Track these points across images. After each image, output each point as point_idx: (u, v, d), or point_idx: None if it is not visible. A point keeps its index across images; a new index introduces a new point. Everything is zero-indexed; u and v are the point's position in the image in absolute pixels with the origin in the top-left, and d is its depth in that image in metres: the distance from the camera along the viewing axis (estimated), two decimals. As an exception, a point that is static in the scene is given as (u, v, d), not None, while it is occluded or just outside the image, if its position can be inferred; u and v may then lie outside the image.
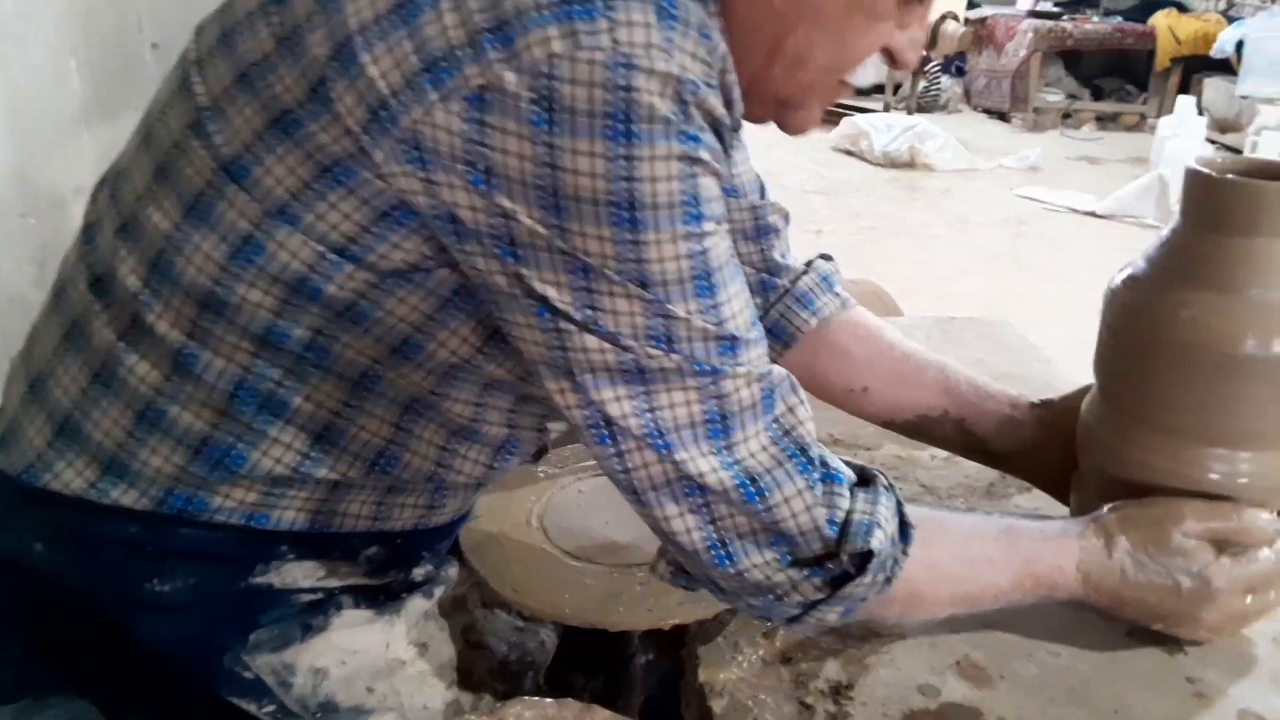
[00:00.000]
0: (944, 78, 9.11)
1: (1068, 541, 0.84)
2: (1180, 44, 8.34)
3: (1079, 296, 4.77)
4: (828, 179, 6.76)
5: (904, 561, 0.76)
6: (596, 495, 1.01)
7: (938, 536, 0.81)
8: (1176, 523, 0.83)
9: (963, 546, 0.83)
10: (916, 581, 0.79)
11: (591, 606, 0.86)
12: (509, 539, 0.94)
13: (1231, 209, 0.83)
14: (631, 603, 0.86)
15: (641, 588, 0.88)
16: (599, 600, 0.87)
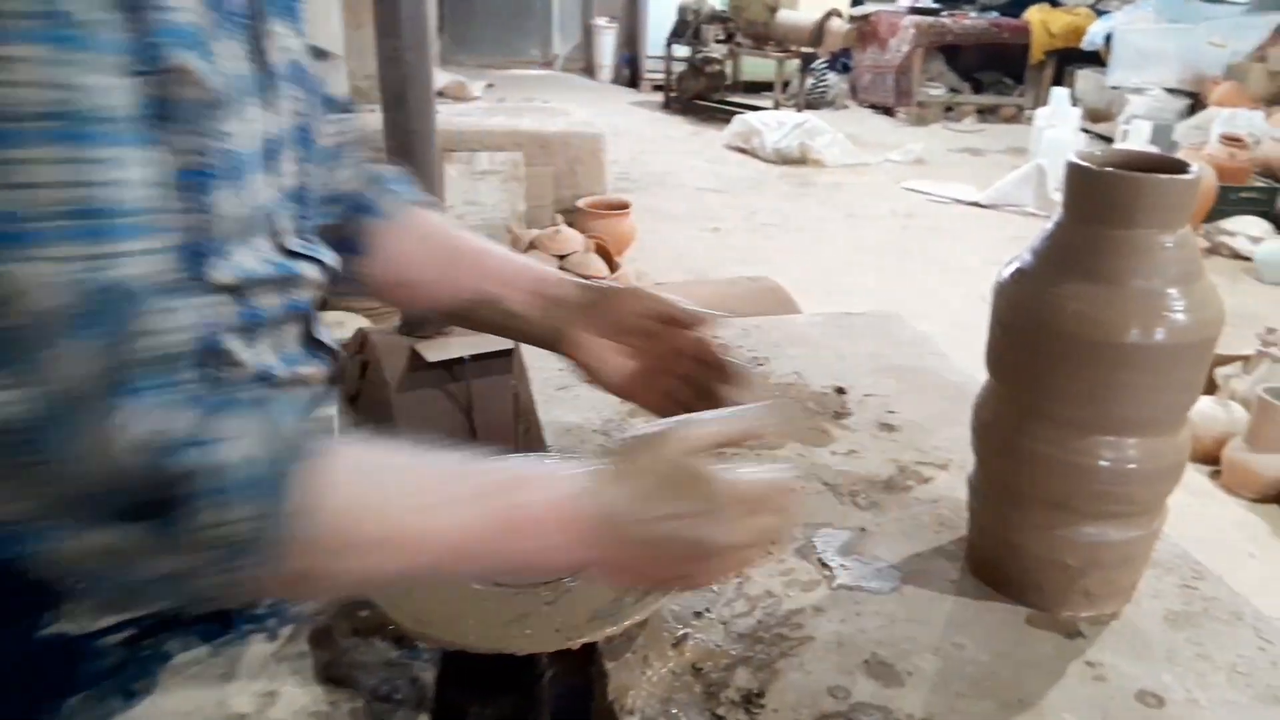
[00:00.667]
0: (831, 74, 9.29)
1: (565, 476, 0.72)
2: (1053, 37, 8.69)
3: (966, 284, 4.92)
4: (723, 177, 6.82)
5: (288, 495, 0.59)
6: None
7: (360, 464, 0.66)
8: (682, 444, 0.75)
9: (402, 475, 0.68)
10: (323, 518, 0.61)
11: (496, 631, 0.83)
12: None
13: (1111, 201, 0.85)
14: (538, 624, 0.84)
15: (548, 607, 0.85)
16: (504, 624, 0.84)
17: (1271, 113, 6.37)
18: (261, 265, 0.79)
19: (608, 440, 1.23)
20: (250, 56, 0.76)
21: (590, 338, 1.00)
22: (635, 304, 0.99)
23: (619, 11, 10.41)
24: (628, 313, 0.99)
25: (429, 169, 2.33)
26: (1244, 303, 4.78)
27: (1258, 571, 2.83)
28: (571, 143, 4.41)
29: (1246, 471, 3.15)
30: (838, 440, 1.27)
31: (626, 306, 0.99)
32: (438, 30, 10.19)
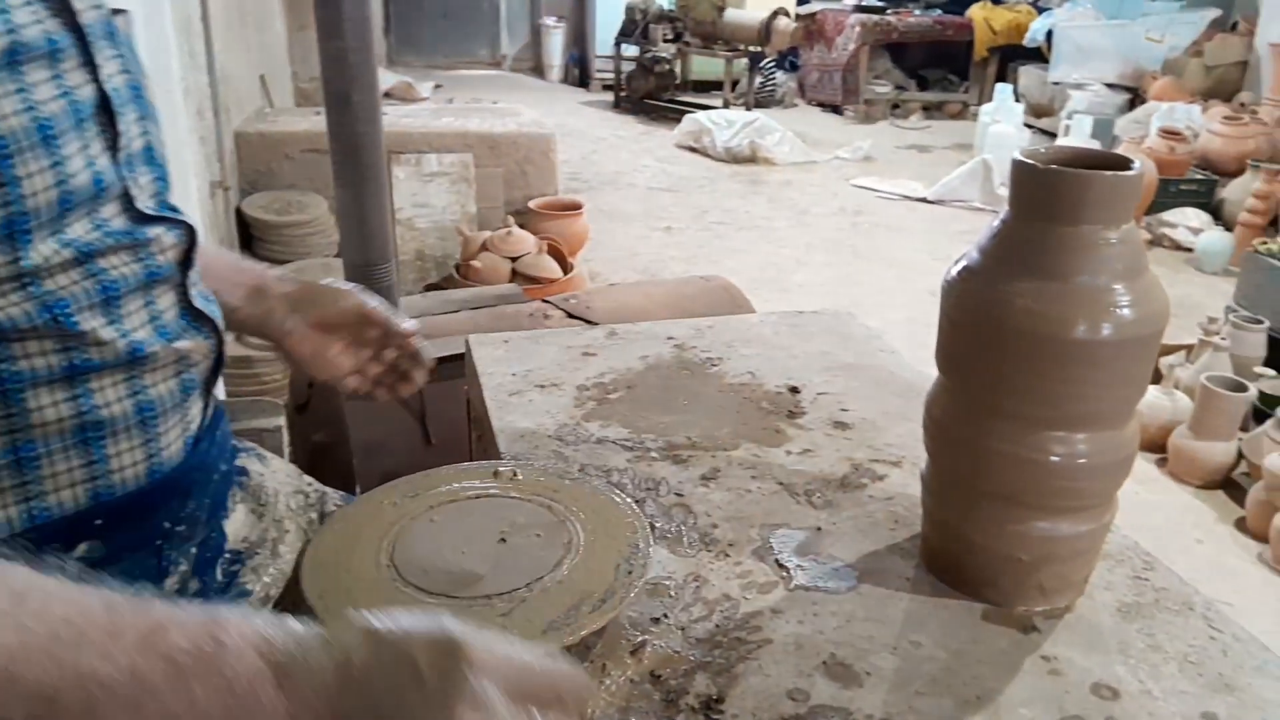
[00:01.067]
0: (779, 73, 9.34)
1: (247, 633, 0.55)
2: (996, 34, 8.82)
3: (915, 279, 4.98)
4: (674, 176, 6.83)
5: None
6: (449, 523, 0.96)
7: None
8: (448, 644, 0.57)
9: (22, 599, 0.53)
10: None
11: None
12: (357, 583, 0.87)
13: (1057, 198, 0.86)
14: None
15: (504, 619, 0.84)
16: None
17: (1208, 106, 6.52)
18: (101, 234, 0.76)
19: (562, 447, 1.22)
20: (55, 14, 0.73)
21: (300, 328, 1.08)
22: (341, 302, 1.10)
23: (567, 11, 10.38)
24: (333, 309, 1.09)
25: (376, 171, 2.29)
26: (1186, 292, 4.88)
27: (1205, 557, 2.89)
28: (521, 143, 4.38)
29: (1192, 459, 3.22)
30: (793, 439, 1.27)
31: (333, 304, 1.09)
32: (384, 31, 10.09)
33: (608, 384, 1.39)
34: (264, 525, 0.98)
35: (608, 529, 0.97)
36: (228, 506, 0.95)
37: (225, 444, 0.95)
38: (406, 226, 4.13)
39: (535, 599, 0.87)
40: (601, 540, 0.95)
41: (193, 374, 0.86)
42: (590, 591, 0.88)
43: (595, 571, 0.91)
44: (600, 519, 0.98)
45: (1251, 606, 2.65)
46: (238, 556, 0.94)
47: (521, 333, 1.58)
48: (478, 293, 2.72)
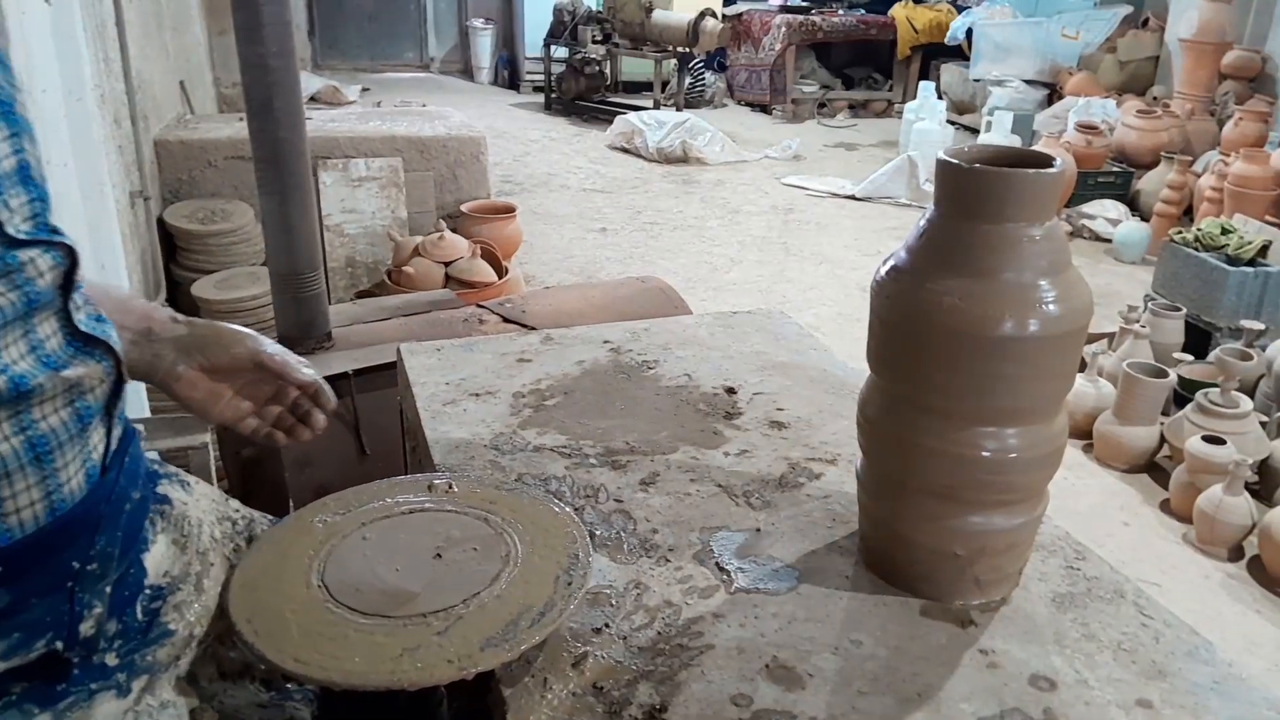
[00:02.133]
0: (708, 73, 9.39)
1: None
2: (918, 33, 8.98)
3: (845, 275, 5.04)
4: (607, 177, 6.81)
5: None
6: (382, 540, 0.94)
7: None
8: None
9: None
10: None
11: (386, 666, 0.79)
12: (287, 603, 0.85)
13: (981, 197, 0.87)
14: (430, 655, 0.80)
15: (439, 637, 0.82)
16: (394, 658, 0.80)
17: (1123, 101, 6.72)
18: None
19: (498, 456, 1.20)
20: None
21: (190, 373, 1.02)
22: (234, 348, 1.04)
23: (495, 13, 10.30)
24: (225, 356, 1.04)
25: (301, 178, 2.24)
26: (1106, 282, 5.02)
27: (1132, 539, 2.97)
28: (451, 146, 4.32)
29: (1116, 444, 3.30)
30: (730, 441, 1.27)
31: (225, 351, 1.03)
32: (308, 34, 9.91)
33: (544, 390, 1.38)
34: (187, 558, 0.93)
35: (546, 539, 0.96)
36: (146, 539, 0.89)
37: (138, 470, 0.90)
38: (335, 233, 4.06)
39: (472, 615, 0.85)
40: (540, 551, 0.94)
41: (89, 401, 0.81)
42: (529, 605, 0.86)
43: (534, 584, 0.89)
44: (539, 529, 0.97)
45: (1178, 586, 2.73)
46: (159, 593, 0.89)
47: (454, 341, 1.55)
48: (410, 299, 2.68)
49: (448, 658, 0.80)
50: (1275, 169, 4.76)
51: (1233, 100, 6.25)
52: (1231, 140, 5.61)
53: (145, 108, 3.79)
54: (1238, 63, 6.41)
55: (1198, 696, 0.85)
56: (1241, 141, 5.43)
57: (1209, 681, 0.87)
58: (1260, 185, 4.75)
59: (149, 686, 0.84)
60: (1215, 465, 2.90)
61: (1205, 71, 6.53)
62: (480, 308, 2.37)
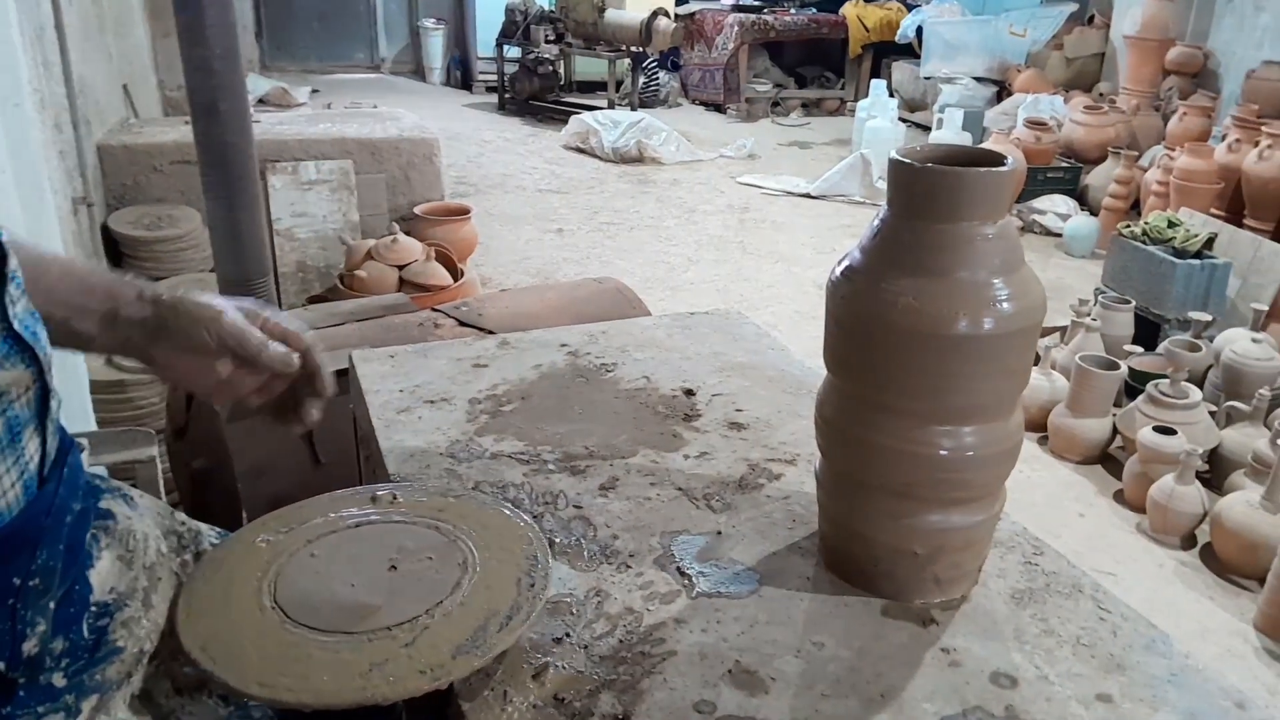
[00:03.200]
0: (661, 73, 9.39)
1: None
2: (869, 31, 9.06)
3: (801, 273, 5.07)
4: (563, 177, 6.79)
5: None
6: (332, 556, 0.91)
7: None
8: None
9: None
10: None
11: (355, 683, 0.77)
12: (241, 629, 0.82)
13: (934, 196, 0.87)
14: (400, 668, 0.78)
15: (408, 649, 0.80)
16: (363, 674, 0.78)
17: (1070, 97, 6.82)
18: None
19: (454, 464, 1.18)
20: None
21: (164, 353, 0.97)
22: (194, 332, 0.97)
23: (446, 13, 10.23)
24: (188, 340, 0.97)
25: (248, 182, 2.21)
26: (1057, 276, 5.09)
27: (1087, 529, 3.02)
28: (403, 148, 4.28)
29: (1070, 436, 3.35)
30: (689, 443, 1.27)
31: (187, 335, 0.97)
32: (255, 36, 9.76)
33: (501, 396, 1.36)
34: (133, 574, 0.90)
35: (502, 543, 0.94)
36: (90, 554, 0.87)
37: (78, 481, 0.87)
38: (286, 237, 4.00)
39: (438, 624, 0.84)
40: (497, 555, 0.92)
41: (17, 410, 0.78)
42: (495, 610, 0.85)
43: (496, 589, 0.88)
44: (491, 534, 0.96)
45: (1132, 575, 2.78)
46: (106, 609, 0.87)
47: (408, 347, 1.53)
48: (364, 304, 2.64)
49: (419, 669, 0.78)
50: (1219, 163, 4.87)
51: (1176, 96, 6.38)
52: (1176, 135, 5.72)
53: (87, 112, 3.71)
54: (1181, 59, 6.53)
55: (1155, 689, 0.86)
56: (1185, 136, 5.54)
57: (1166, 673, 0.88)
58: (1204, 179, 4.84)
59: (101, 706, 0.82)
60: (1166, 455, 2.96)
61: (1149, 68, 6.66)
62: (435, 311, 2.34)
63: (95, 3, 4.16)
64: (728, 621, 0.93)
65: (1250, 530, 2.67)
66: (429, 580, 0.89)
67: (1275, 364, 3.37)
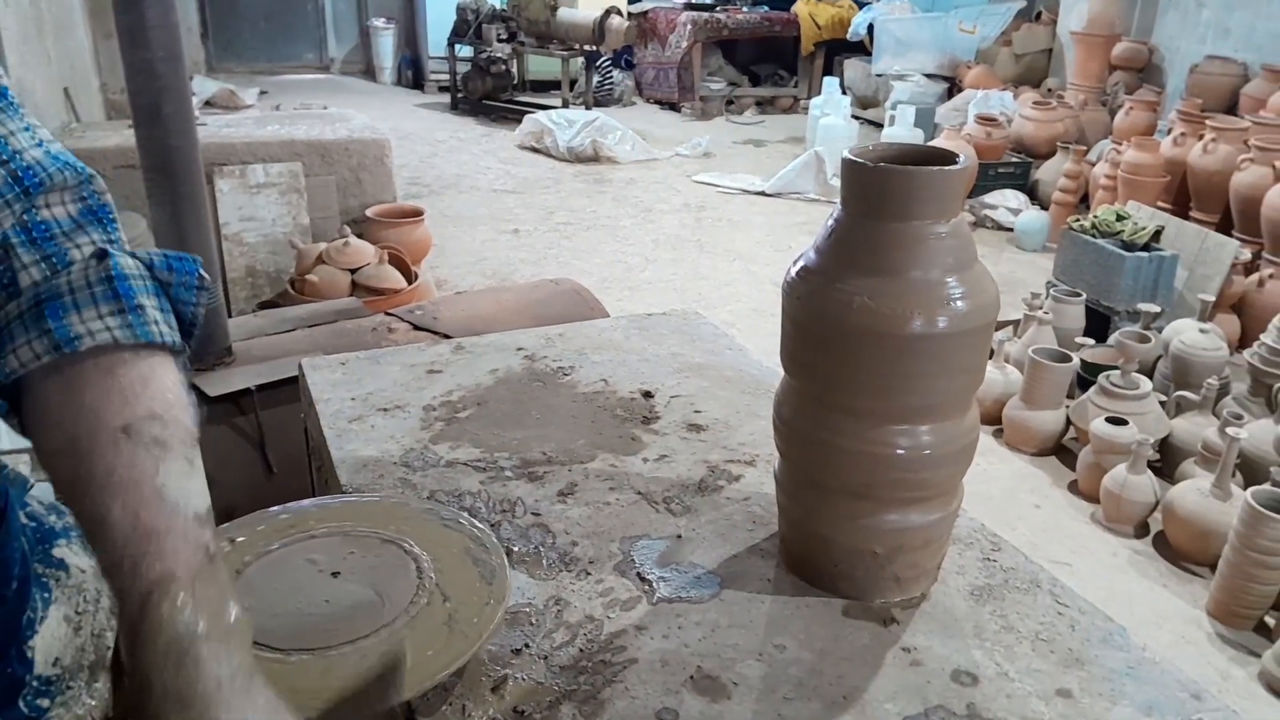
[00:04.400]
0: (616, 71, 9.38)
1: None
2: (820, 29, 9.11)
3: (758, 271, 5.08)
4: (518, 177, 6.75)
5: None
6: (270, 574, 0.88)
7: None
8: None
9: None
10: None
11: (308, 704, 0.75)
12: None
13: (886, 195, 0.86)
14: (351, 687, 0.76)
15: (362, 660, 0.78)
16: (313, 693, 0.75)
17: (1019, 93, 6.91)
18: None
19: (409, 473, 1.16)
20: None
21: None
22: None
23: (396, 12, 10.12)
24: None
25: (194, 187, 2.15)
26: (1010, 270, 5.16)
27: (1043, 520, 3.05)
28: (354, 149, 4.22)
29: (1025, 428, 3.39)
30: (649, 446, 1.26)
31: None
32: (201, 37, 9.59)
33: (456, 402, 1.34)
34: (80, 641, 0.83)
35: (445, 545, 0.92)
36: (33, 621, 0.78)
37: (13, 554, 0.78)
38: (234, 242, 3.92)
39: (400, 634, 0.82)
40: (452, 567, 0.91)
41: None
42: (451, 624, 0.83)
43: (451, 603, 0.86)
44: (432, 541, 0.94)
45: (1087, 565, 2.82)
46: (46, 688, 0.79)
47: (360, 353, 1.50)
48: (315, 309, 2.60)
49: (373, 687, 0.76)
50: (1165, 157, 4.95)
51: (1123, 90, 6.49)
52: (1123, 129, 5.82)
53: (27, 116, 3.61)
54: (1126, 54, 6.65)
55: (1114, 683, 0.86)
56: (1132, 130, 5.63)
57: (1124, 667, 0.88)
58: (1151, 172, 4.93)
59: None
60: (1119, 445, 3.00)
61: (1096, 63, 6.76)
62: (389, 315, 2.31)
63: (34, 4, 4.06)
64: (689, 627, 0.93)
65: (1201, 518, 2.71)
66: (378, 592, 0.87)
67: (1222, 354, 3.44)
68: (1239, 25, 6.07)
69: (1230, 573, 2.52)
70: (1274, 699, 2.31)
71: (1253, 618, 2.54)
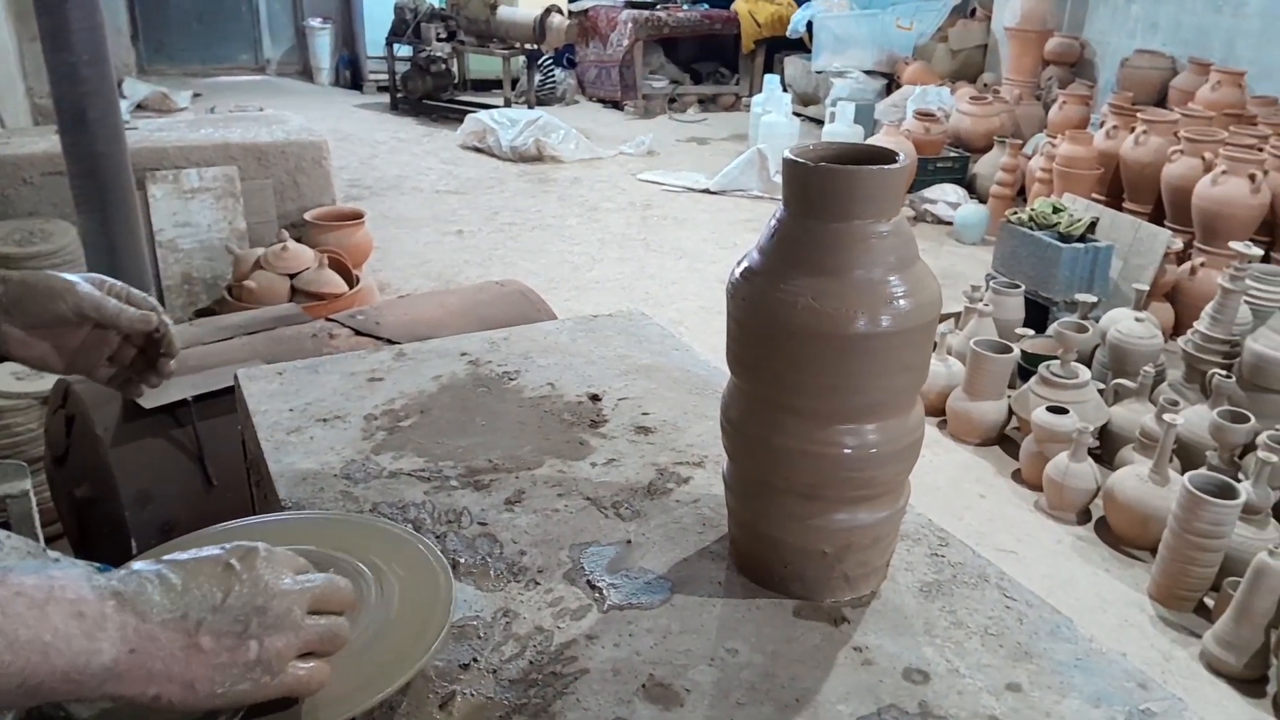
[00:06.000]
0: (558, 70, 9.34)
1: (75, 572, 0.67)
2: (760, 27, 9.17)
3: (704, 269, 5.09)
4: (460, 178, 6.69)
5: None
6: None
7: None
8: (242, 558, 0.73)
9: None
10: None
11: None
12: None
13: (827, 195, 0.86)
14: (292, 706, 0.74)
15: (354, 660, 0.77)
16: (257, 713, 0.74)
17: (956, 88, 7.02)
18: None
19: (350, 486, 1.13)
20: None
21: (16, 332, 1.00)
22: (53, 306, 1.01)
23: (333, 11, 9.97)
24: (46, 314, 1.01)
25: (123, 193, 2.10)
26: (950, 264, 5.23)
27: (988, 510, 3.10)
28: (291, 152, 4.14)
29: (968, 419, 3.44)
30: (596, 450, 1.24)
31: (44, 308, 1.00)
32: (131, 39, 9.36)
33: (398, 410, 1.32)
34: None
35: (388, 560, 0.90)
36: None
37: None
38: (169, 249, 3.83)
39: (335, 658, 0.79)
40: (392, 579, 0.88)
41: None
42: (397, 640, 0.81)
43: (397, 618, 0.84)
44: (375, 555, 0.91)
45: (1033, 552, 2.86)
46: None
47: (298, 362, 1.47)
48: (254, 316, 2.54)
49: (314, 706, 0.74)
50: (1098, 149, 5.06)
51: (1056, 85, 6.62)
52: (1057, 123, 5.94)
53: (-54, 122, 3.49)
54: (1059, 49, 6.78)
55: (1062, 675, 0.87)
56: (1066, 124, 5.74)
57: (1072, 659, 0.89)
58: (1085, 165, 5.03)
59: None
60: (1060, 434, 3.06)
61: (1030, 58, 6.89)
62: (330, 321, 2.27)
63: (-49, 6, 3.93)
64: (640, 634, 0.91)
65: (1141, 503, 2.77)
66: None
67: (1158, 342, 3.52)
68: (1166, 19, 6.23)
69: (1170, 556, 2.58)
70: (1215, 678, 2.37)
71: (1192, 600, 2.60)
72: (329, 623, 0.75)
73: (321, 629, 0.74)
